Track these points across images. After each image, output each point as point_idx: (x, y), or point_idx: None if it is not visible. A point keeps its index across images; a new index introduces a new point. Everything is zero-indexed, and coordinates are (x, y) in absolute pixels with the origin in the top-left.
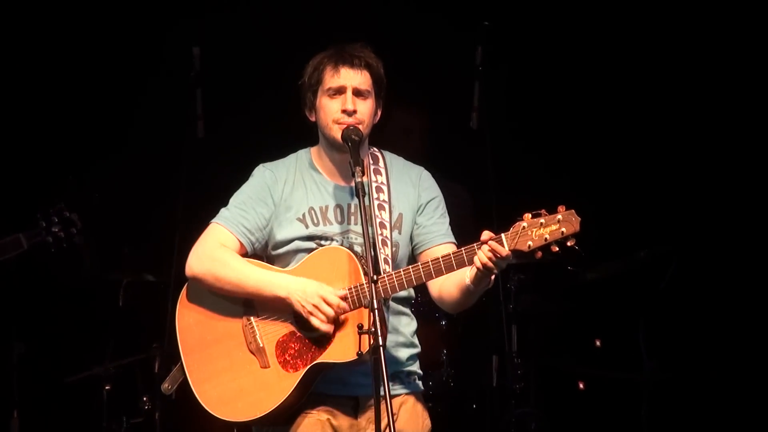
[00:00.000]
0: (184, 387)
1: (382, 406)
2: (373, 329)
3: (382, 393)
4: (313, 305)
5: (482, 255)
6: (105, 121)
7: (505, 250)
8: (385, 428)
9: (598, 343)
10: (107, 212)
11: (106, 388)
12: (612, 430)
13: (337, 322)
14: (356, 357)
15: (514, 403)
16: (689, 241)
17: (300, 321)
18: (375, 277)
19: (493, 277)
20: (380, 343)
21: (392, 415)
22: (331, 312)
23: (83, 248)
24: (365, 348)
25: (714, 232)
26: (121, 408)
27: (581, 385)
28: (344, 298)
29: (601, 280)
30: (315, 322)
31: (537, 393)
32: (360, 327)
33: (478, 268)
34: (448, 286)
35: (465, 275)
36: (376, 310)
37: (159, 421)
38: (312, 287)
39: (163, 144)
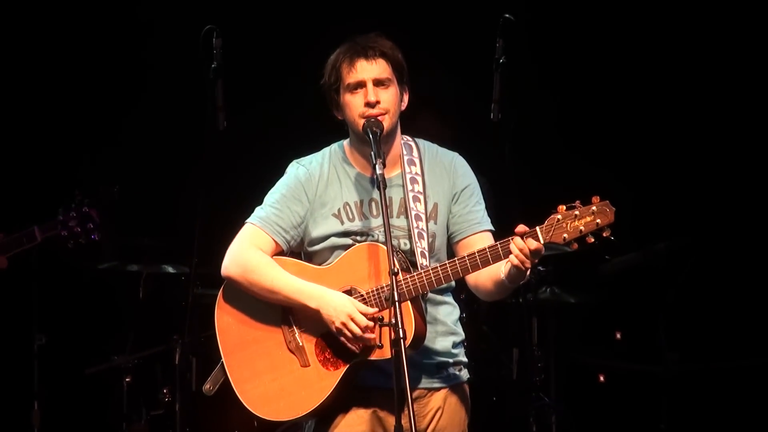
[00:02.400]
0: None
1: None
2: (393, 321)
3: (403, 386)
4: (342, 323)
5: (515, 249)
6: (126, 112)
7: (539, 245)
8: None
9: (618, 335)
10: (127, 204)
11: (127, 379)
12: (632, 423)
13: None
14: (381, 353)
15: (534, 395)
16: (709, 232)
17: None
18: (395, 269)
19: (528, 272)
20: (401, 336)
21: (412, 407)
22: (358, 331)
23: (102, 241)
24: (387, 342)
25: (734, 223)
26: (141, 400)
27: (601, 378)
28: (373, 319)
29: (621, 273)
30: (343, 340)
31: (557, 386)
32: (380, 320)
33: (512, 263)
34: (483, 279)
35: (500, 270)
36: (408, 304)
37: (179, 413)
38: (341, 305)
39: (184, 135)
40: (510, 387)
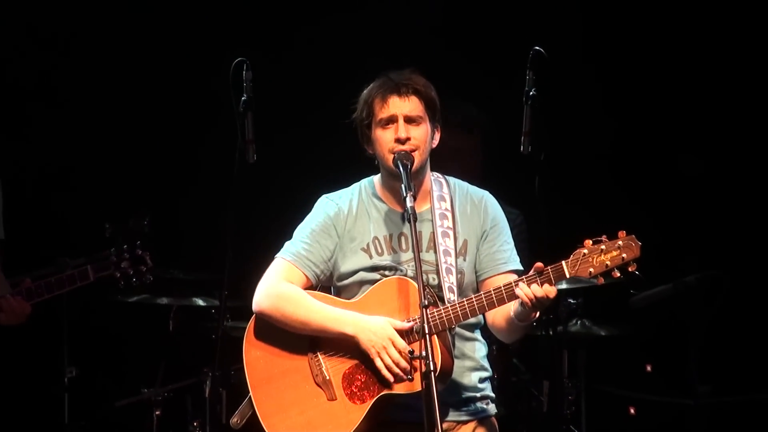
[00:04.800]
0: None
1: None
2: (424, 354)
3: (433, 419)
4: (383, 346)
5: (520, 292)
6: (156, 144)
7: (542, 291)
8: None
9: (649, 367)
10: (158, 236)
11: (157, 413)
12: None
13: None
14: (422, 388)
15: (564, 428)
16: (740, 264)
17: (366, 354)
18: (426, 302)
19: (536, 314)
20: (431, 368)
21: None
22: (396, 355)
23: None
24: (418, 375)
25: (766, 255)
26: None
27: (632, 410)
28: (411, 330)
29: (652, 305)
30: (379, 364)
31: (588, 418)
32: (411, 353)
33: (522, 302)
34: (498, 317)
35: (510, 308)
36: (435, 337)
37: None
38: (381, 329)
39: (215, 168)
40: (541, 419)
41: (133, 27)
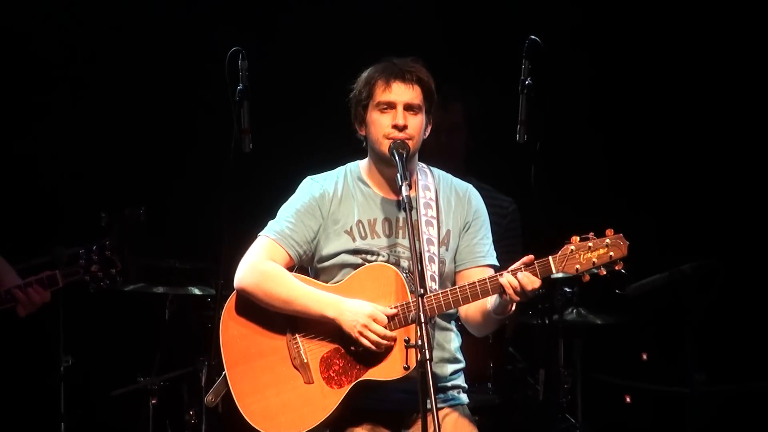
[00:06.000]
0: (231, 401)
1: (429, 420)
2: (419, 343)
3: (428, 407)
4: (363, 325)
5: (505, 281)
6: (151, 134)
7: (532, 282)
8: None
9: (644, 356)
10: (153, 225)
11: (153, 401)
12: None
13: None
14: (403, 374)
15: (560, 416)
16: (736, 252)
17: (346, 338)
18: (422, 291)
19: (512, 307)
20: (427, 357)
21: (438, 426)
22: (381, 330)
23: (128, 263)
24: (412, 362)
25: (761, 242)
26: (167, 422)
27: (628, 399)
28: (393, 316)
29: (648, 293)
30: (365, 342)
31: (583, 407)
32: (407, 341)
33: (502, 293)
34: (472, 310)
35: (487, 300)
36: (423, 325)
37: None
38: (362, 308)
39: (210, 157)
40: (536, 408)
41: (127, 16)
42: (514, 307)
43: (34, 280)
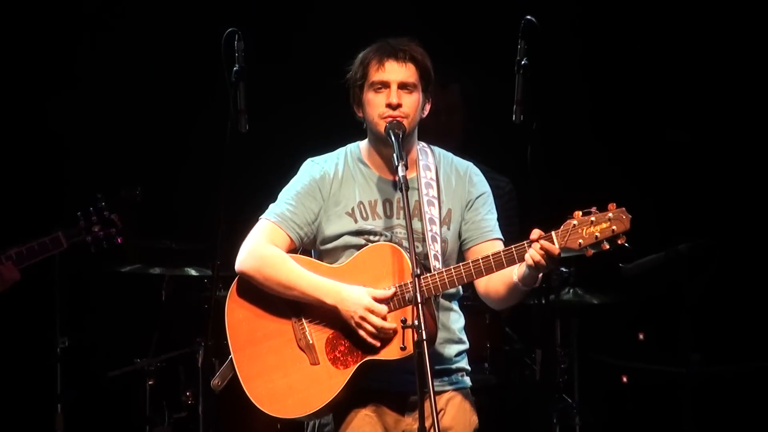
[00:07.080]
0: (230, 383)
1: (426, 402)
2: (416, 323)
3: (426, 389)
4: (361, 317)
5: (534, 253)
6: (148, 115)
7: (556, 249)
8: (430, 427)
9: (641, 336)
10: (150, 206)
11: (149, 382)
12: (655, 424)
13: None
14: (401, 354)
15: (557, 396)
16: (732, 232)
17: (348, 323)
18: (418, 271)
19: (540, 275)
20: (423, 337)
21: (436, 411)
22: (378, 323)
23: (125, 245)
24: (409, 343)
25: (758, 223)
26: (164, 403)
27: (624, 379)
28: (392, 297)
29: (644, 273)
30: (362, 333)
31: (580, 386)
32: (404, 321)
33: (528, 266)
34: (495, 283)
35: (513, 273)
36: (423, 306)
37: (202, 415)
38: (359, 298)
39: (207, 138)
40: (533, 388)
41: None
42: (540, 277)
43: (13, 254)
